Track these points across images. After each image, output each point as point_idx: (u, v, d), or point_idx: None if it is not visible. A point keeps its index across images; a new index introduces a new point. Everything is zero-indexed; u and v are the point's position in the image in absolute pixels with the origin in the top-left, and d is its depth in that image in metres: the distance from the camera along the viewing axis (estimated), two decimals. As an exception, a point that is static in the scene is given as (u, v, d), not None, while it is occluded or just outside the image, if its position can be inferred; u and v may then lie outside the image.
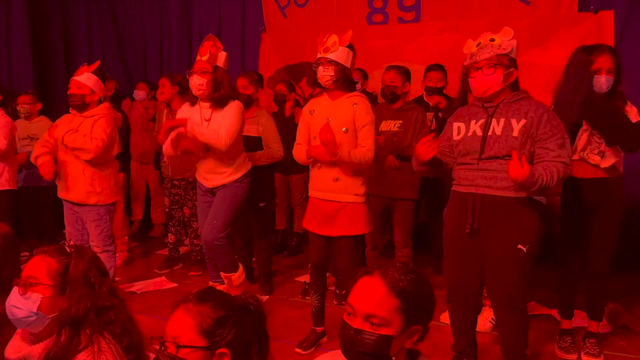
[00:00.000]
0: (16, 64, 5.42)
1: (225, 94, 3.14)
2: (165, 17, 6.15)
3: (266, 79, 5.32)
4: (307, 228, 3.01)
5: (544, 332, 3.20)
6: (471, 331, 2.64)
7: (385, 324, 1.20)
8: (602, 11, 4.24)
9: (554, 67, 4.32)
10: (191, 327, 1.26)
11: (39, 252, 1.59)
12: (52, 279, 1.53)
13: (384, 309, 1.20)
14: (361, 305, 1.22)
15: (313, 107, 2.96)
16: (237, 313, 1.30)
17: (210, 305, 1.28)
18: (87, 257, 1.59)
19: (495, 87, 2.37)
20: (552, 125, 2.30)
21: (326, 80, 2.80)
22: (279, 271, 4.41)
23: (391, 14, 5.07)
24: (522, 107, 2.36)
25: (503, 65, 2.35)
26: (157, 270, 4.41)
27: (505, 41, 2.36)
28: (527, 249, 2.35)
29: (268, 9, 5.57)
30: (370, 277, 1.24)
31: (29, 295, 1.51)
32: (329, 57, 2.78)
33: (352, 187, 2.84)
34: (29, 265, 1.56)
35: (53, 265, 1.54)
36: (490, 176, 2.37)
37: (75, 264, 1.55)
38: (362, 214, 2.88)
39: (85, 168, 3.32)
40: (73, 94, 3.32)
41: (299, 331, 3.18)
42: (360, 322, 1.22)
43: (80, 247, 1.63)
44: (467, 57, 2.46)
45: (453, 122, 2.55)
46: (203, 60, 3.12)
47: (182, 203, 4.34)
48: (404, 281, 1.21)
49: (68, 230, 3.52)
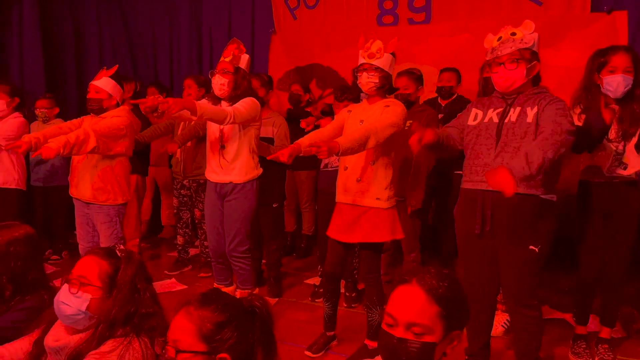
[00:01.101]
0: (28, 68, 5.46)
1: (242, 93, 3.16)
2: (175, 20, 6.18)
3: (276, 80, 5.33)
4: (329, 235, 2.92)
5: (557, 336, 3.16)
6: (486, 333, 2.61)
7: (428, 331, 1.21)
8: (615, 11, 4.19)
9: (567, 68, 4.29)
10: (191, 332, 1.25)
11: (90, 252, 1.65)
12: (102, 281, 1.58)
13: (425, 317, 1.21)
14: (402, 314, 1.23)
15: (352, 108, 2.93)
16: (241, 317, 1.29)
17: (212, 309, 1.27)
18: (135, 263, 1.64)
19: (519, 82, 2.34)
20: (555, 108, 2.24)
21: (370, 87, 2.75)
22: (289, 273, 4.40)
23: (401, 15, 5.06)
24: (537, 98, 2.33)
25: (525, 59, 2.31)
26: (167, 272, 4.42)
27: (527, 35, 2.31)
28: (539, 249, 2.34)
29: (278, 11, 5.57)
30: (408, 285, 1.25)
31: (80, 294, 1.56)
32: (374, 63, 2.72)
33: (374, 190, 2.76)
34: (80, 264, 1.61)
35: (104, 268, 1.59)
36: None
37: (124, 269, 1.60)
38: (386, 220, 2.77)
39: (96, 165, 3.32)
40: (91, 98, 3.34)
41: (308, 334, 3.16)
42: (402, 331, 1.23)
43: (130, 252, 1.68)
44: (487, 51, 2.41)
45: (472, 108, 2.52)
46: (226, 61, 3.16)
47: (191, 205, 4.34)
48: (442, 287, 1.23)
49: (78, 231, 3.52)
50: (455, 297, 1.24)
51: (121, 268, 1.60)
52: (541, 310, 2.48)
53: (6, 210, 3.88)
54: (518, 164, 2.08)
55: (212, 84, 3.18)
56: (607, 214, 2.80)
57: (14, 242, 1.90)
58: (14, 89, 3.93)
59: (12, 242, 1.90)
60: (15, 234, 1.92)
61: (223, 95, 3.17)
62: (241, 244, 3.27)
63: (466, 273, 2.57)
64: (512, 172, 2.03)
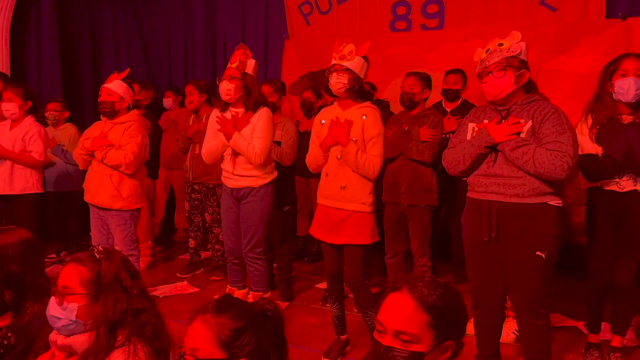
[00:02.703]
0: (45, 72, 5.56)
1: (256, 100, 3.23)
2: (190, 25, 6.25)
3: (288, 85, 5.35)
4: (313, 235, 3.00)
5: (567, 344, 3.14)
6: (495, 340, 2.60)
7: (416, 340, 1.18)
8: (630, 17, 4.16)
9: (581, 74, 4.27)
10: (210, 339, 1.24)
11: (71, 260, 1.62)
12: (85, 287, 1.56)
13: (413, 325, 1.18)
14: (390, 322, 1.21)
15: (324, 117, 2.94)
16: (256, 322, 1.29)
17: (229, 316, 1.26)
18: (116, 261, 1.62)
19: (508, 89, 2.35)
20: (552, 124, 2.26)
21: (339, 87, 2.78)
22: (300, 277, 4.42)
23: (414, 21, 5.06)
24: (532, 108, 2.34)
25: (513, 67, 2.33)
26: (180, 274, 4.45)
27: (514, 44, 2.35)
28: (545, 255, 2.33)
29: (291, 17, 5.61)
30: (398, 292, 1.23)
31: (65, 305, 1.55)
32: (344, 64, 2.76)
33: (359, 196, 2.80)
34: (62, 275, 1.59)
35: (84, 274, 1.57)
36: (503, 182, 2.35)
37: (105, 269, 1.58)
38: (368, 224, 2.82)
39: (112, 174, 3.41)
40: (103, 101, 3.41)
41: (319, 338, 3.18)
42: (390, 339, 1.20)
43: (109, 250, 1.65)
44: (477, 64, 2.45)
45: (469, 122, 2.54)
46: (233, 67, 3.22)
47: (202, 208, 4.38)
48: (433, 296, 1.19)
49: (94, 234, 3.59)
50: (447, 306, 1.20)
51: (102, 269, 1.57)
52: (549, 319, 2.46)
53: (29, 214, 3.89)
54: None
55: (220, 89, 3.23)
56: (617, 221, 2.78)
57: (11, 246, 1.86)
58: (27, 92, 3.96)
59: (8, 246, 1.86)
60: (9, 239, 1.88)
61: (230, 101, 3.23)
62: (258, 245, 3.34)
63: (474, 280, 2.58)
64: None
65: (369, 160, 2.74)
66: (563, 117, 2.28)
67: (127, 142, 3.39)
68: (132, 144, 3.39)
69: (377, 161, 2.76)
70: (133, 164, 3.40)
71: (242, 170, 3.25)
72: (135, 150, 3.38)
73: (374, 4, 5.22)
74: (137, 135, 3.42)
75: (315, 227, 2.97)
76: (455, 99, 4.18)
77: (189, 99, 4.29)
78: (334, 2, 5.38)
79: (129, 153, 3.36)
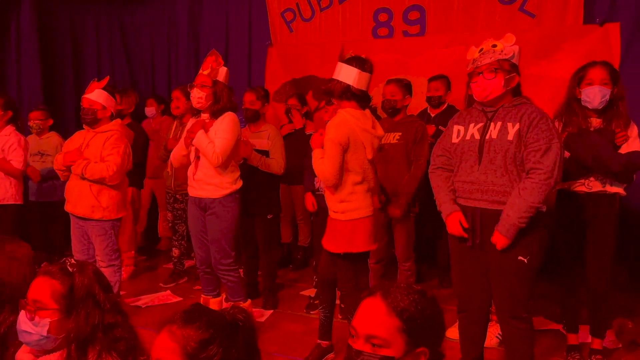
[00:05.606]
0: (26, 80, 5.48)
1: (224, 107, 3.21)
2: (173, 33, 6.21)
3: (272, 92, 5.35)
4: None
5: (551, 347, 3.16)
6: (479, 345, 2.62)
7: (386, 344, 1.18)
8: (608, 23, 4.21)
9: (560, 80, 4.30)
10: (175, 351, 1.21)
11: (42, 272, 1.59)
12: (57, 302, 1.53)
13: (383, 329, 1.19)
14: (362, 326, 1.21)
15: None
16: (224, 332, 1.26)
17: (196, 327, 1.23)
18: (89, 274, 1.58)
19: (497, 92, 2.37)
20: (540, 130, 2.29)
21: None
22: (285, 285, 4.40)
23: (396, 28, 5.08)
24: (519, 111, 2.36)
25: (504, 70, 2.36)
26: (163, 284, 4.41)
27: (507, 47, 2.37)
28: (527, 259, 2.35)
29: (274, 24, 5.61)
30: (372, 298, 1.23)
31: (37, 320, 1.52)
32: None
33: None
34: (33, 287, 1.56)
35: (57, 288, 1.54)
36: (486, 189, 2.38)
37: (78, 283, 1.55)
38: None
39: (92, 184, 3.35)
40: (85, 108, 3.37)
41: (303, 346, 3.16)
42: (362, 343, 1.21)
43: (82, 264, 1.62)
44: (469, 63, 2.46)
45: (454, 124, 2.56)
46: (204, 74, 3.20)
47: (185, 217, 4.34)
48: (406, 301, 1.20)
49: (74, 244, 3.54)
50: (420, 312, 1.20)
51: (75, 283, 1.54)
52: (532, 323, 2.48)
53: (9, 225, 3.85)
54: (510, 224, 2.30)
55: (191, 96, 3.22)
56: (585, 222, 2.83)
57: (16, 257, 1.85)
58: (7, 102, 3.91)
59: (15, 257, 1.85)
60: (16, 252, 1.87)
61: (201, 108, 3.22)
62: (225, 257, 3.28)
63: (459, 285, 2.59)
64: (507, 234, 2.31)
65: (320, 162, 2.81)
66: (550, 123, 2.33)
67: (110, 153, 3.34)
68: (115, 154, 3.34)
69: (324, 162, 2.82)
70: (117, 175, 3.34)
71: (203, 175, 3.21)
72: (119, 161, 3.33)
73: (356, 11, 5.23)
74: (120, 145, 3.37)
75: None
76: (439, 105, 4.21)
77: (175, 104, 4.26)
78: (316, 9, 5.39)
79: (111, 164, 3.31)
